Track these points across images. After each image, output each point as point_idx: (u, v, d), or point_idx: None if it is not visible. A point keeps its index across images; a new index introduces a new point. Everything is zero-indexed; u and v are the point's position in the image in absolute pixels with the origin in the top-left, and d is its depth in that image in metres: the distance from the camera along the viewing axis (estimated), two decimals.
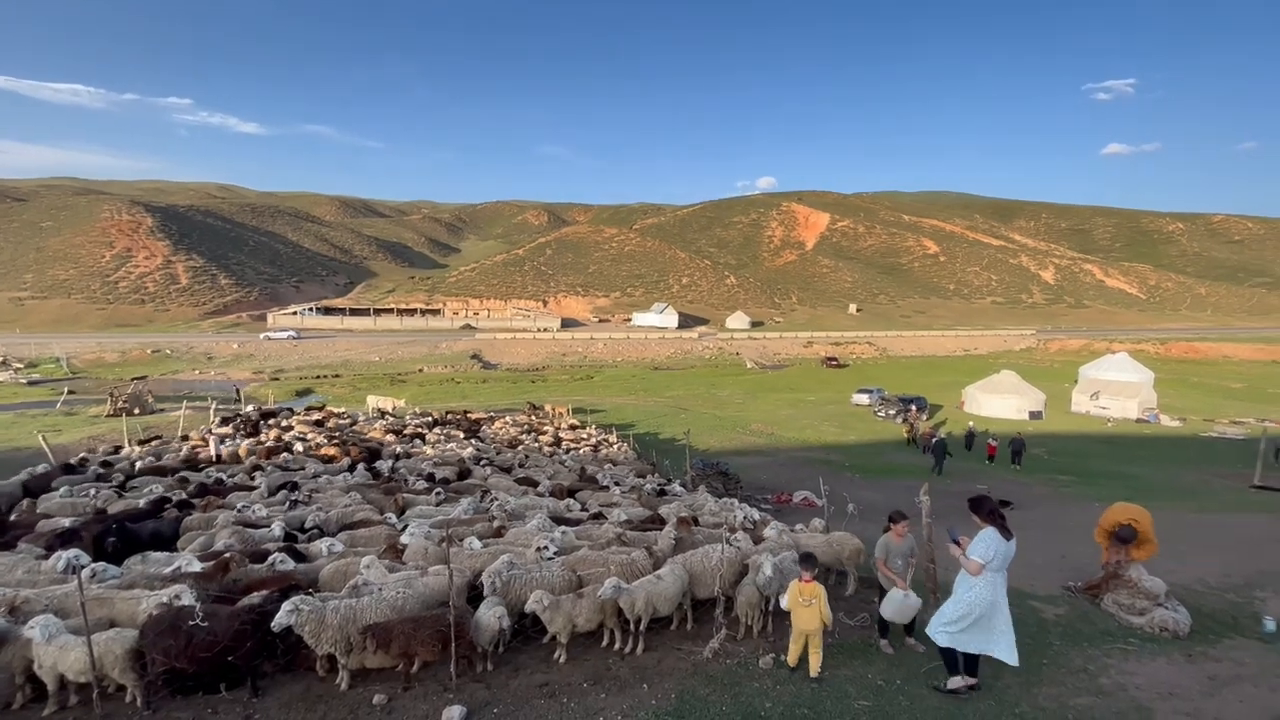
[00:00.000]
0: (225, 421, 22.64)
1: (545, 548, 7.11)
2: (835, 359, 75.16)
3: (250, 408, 26.95)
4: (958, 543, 5.35)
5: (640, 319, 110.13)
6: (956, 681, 5.19)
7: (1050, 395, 41.93)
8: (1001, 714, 4.79)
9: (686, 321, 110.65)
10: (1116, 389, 41.88)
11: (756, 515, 10.56)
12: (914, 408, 37.73)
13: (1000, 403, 40.29)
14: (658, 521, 9.94)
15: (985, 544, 4.99)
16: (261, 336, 75.85)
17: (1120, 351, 50.42)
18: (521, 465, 18.35)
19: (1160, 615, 6.87)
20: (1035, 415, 39.14)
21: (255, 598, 5.74)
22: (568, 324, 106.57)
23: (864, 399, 43.32)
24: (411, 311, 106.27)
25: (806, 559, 5.76)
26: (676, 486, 16.67)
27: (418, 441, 21.62)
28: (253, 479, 12.87)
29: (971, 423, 31.09)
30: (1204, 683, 5.39)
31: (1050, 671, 5.52)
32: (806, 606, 5.41)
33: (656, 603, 6.15)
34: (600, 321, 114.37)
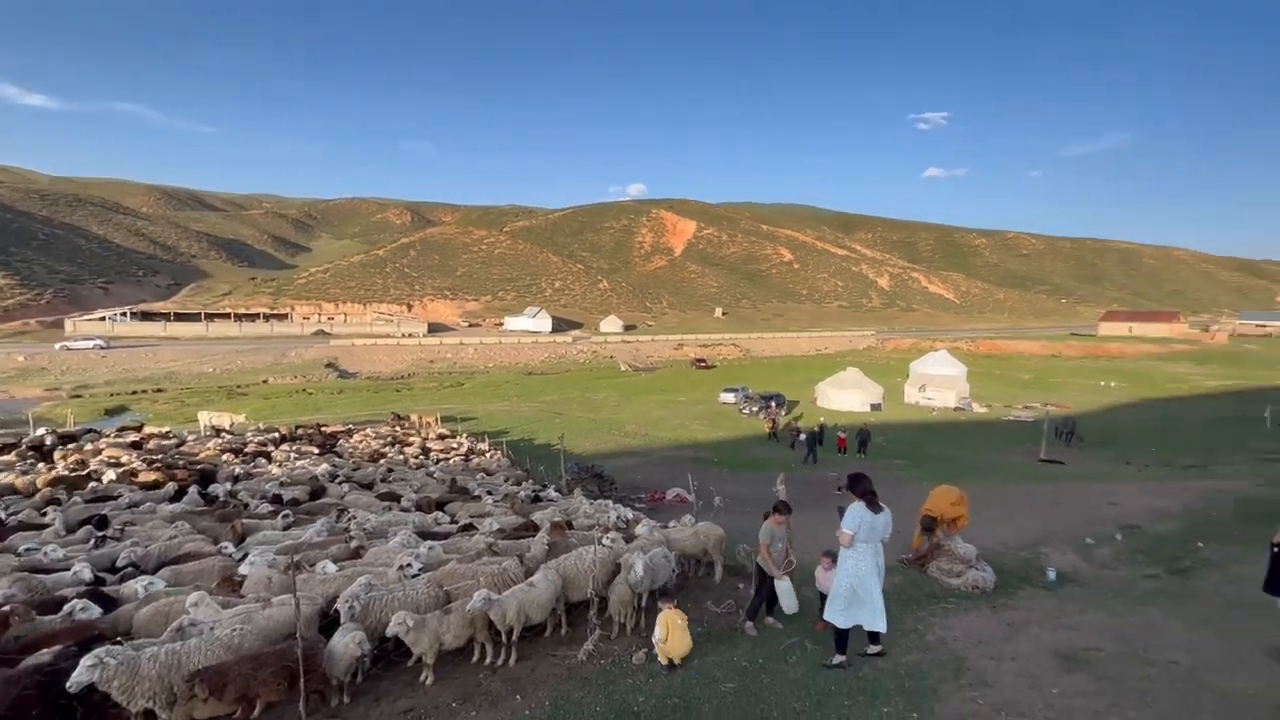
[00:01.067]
0: (4, 449, 18.87)
1: (408, 565, 6.72)
2: (704, 360, 78.65)
3: (41, 431, 22.67)
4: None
5: (513, 323, 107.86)
6: (839, 658, 5.61)
7: (887, 388, 46.95)
8: (846, 678, 5.28)
9: (560, 325, 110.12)
10: (939, 382, 47.88)
11: (630, 515, 10.74)
12: (774, 404, 40.49)
13: (847, 397, 44.46)
14: (532, 528, 9.78)
15: (853, 516, 5.44)
16: (58, 347, 64.26)
17: (941, 349, 57.67)
18: (384, 480, 17.20)
19: (972, 575, 7.96)
20: (876, 407, 43.63)
21: (45, 655, 4.85)
22: (435, 329, 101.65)
23: (730, 398, 45.74)
24: (253, 317, 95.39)
25: (664, 593, 6.01)
26: (551, 492, 16.51)
27: (262, 460, 19.49)
28: (44, 514, 10.86)
29: (822, 418, 33.96)
30: (1004, 629, 6.32)
31: (888, 635, 6.18)
32: (680, 627, 5.67)
33: (529, 611, 6.04)
34: (470, 326, 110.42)
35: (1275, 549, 5.03)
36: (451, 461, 22.18)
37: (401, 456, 22.61)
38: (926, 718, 4.48)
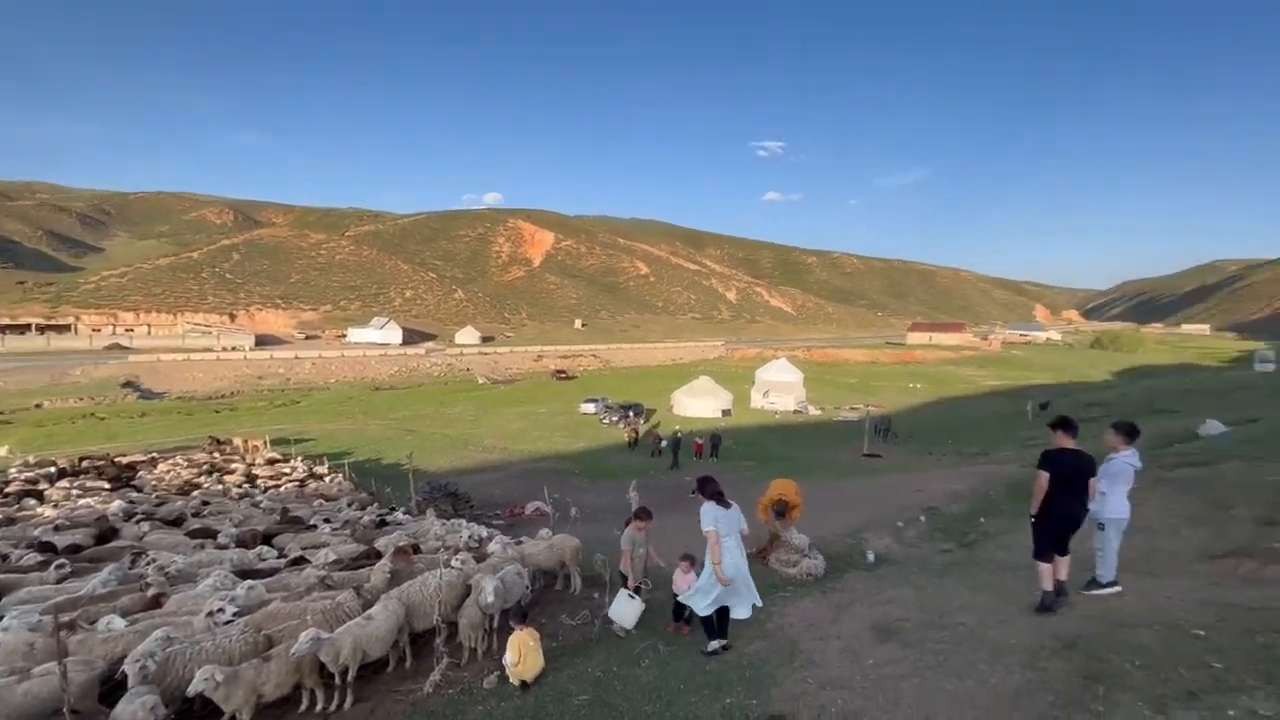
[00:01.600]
0: None
1: (220, 610, 5.90)
2: (564, 371, 78.48)
3: None
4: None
5: (358, 335, 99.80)
6: (715, 644, 5.89)
7: (736, 395, 50.13)
8: (694, 673, 5.51)
9: (411, 338, 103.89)
10: (780, 387, 52.11)
11: (483, 533, 10.38)
12: (632, 414, 41.47)
13: (700, 403, 46.79)
14: (374, 556, 9.06)
15: (707, 515, 5.82)
16: None
17: (782, 358, 62.95)
18: (197, 515, 15.03)
19: (806, 564, 8.70)
20: (726, 412, 46.38)
21: None
22: (265, 341, 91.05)
23: (590, 408, 46.11)
24: (23, 328, 78.94)
25: (518, 614, 5.88)
26: (400, 515, 15.49)
27: (30, 501, 16.11)
28: None
29: (678, 426, 35.44)
30: (832, 611, 6.97)
31: (732, 627, 6.54)
32: (533, 648, 5.55)
33: (367, 646, 5.57)
34: (308, 338, 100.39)
35: (1032, 519, 6.03)
36: (284, 489, 19.91)
37: (221, 486, 19.95)
38: (764, 703, 4.79)
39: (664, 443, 29.24)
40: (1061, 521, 5.49)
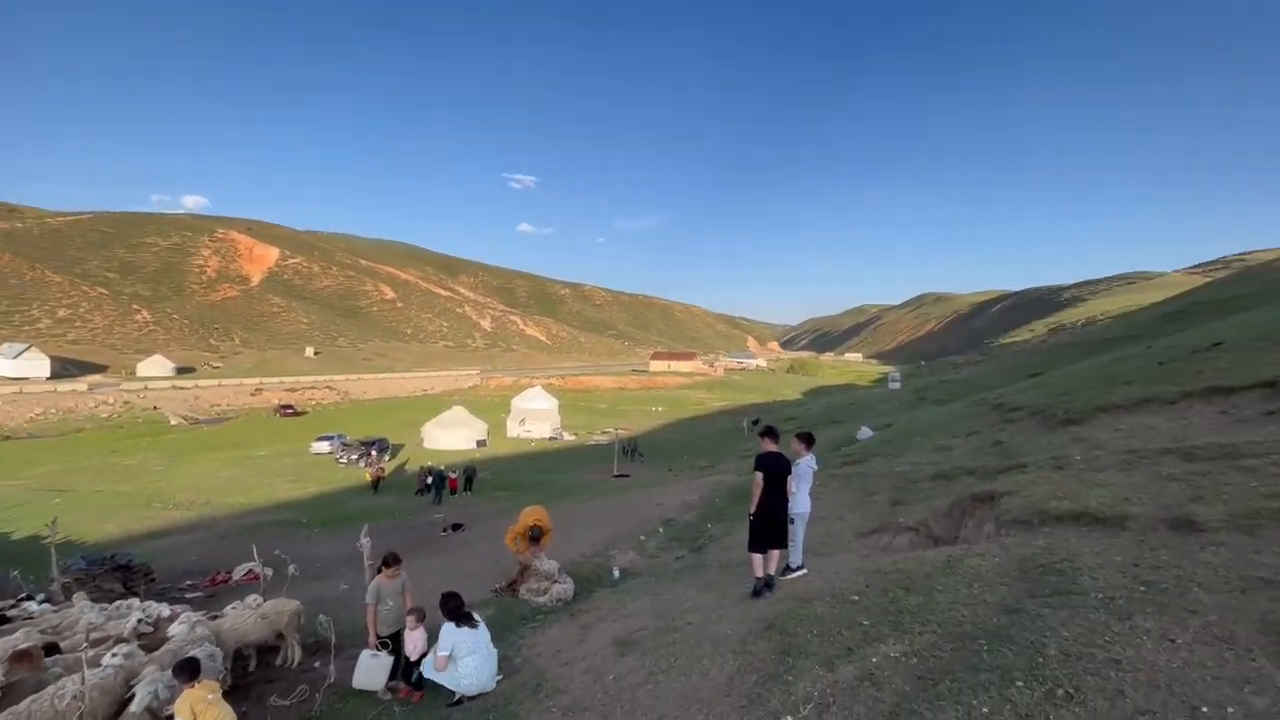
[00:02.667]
0: None
1: None
2: (291, 407, 68.04)
3: None
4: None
5: None
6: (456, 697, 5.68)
7: (492, 424, 49.07)
8: None
9: (66, 369, 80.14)
10: (536, 415, 52.54)
11: (165, 612, 8.29)
12: (374, 450, 37.74)
13: (453, 435, 44.66)
14: None
15: (444, 637, 5.68)
16: None
17: (537, 386, 63.65)
18: None
19: (555, 590, 8.78)
20: (481, 443, 45.03)
21: None
22: None
23: (325, 446, 40.77)
24: None
25: (181, 668, 4.70)
26: (32, 605, 11.59)
27: None
28: None
29: (430, 461, 33.23)
30: (579, 633, 7.12)
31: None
32: (212, 702, 4.49)
33: None
34: None
35: (750, 517, 6.93)
36: None
37: None
38: None
39: (430, 478, 27.28)
40: (773, 515, 6.45)
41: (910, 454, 14.28)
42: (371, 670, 5.99)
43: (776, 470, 6.43)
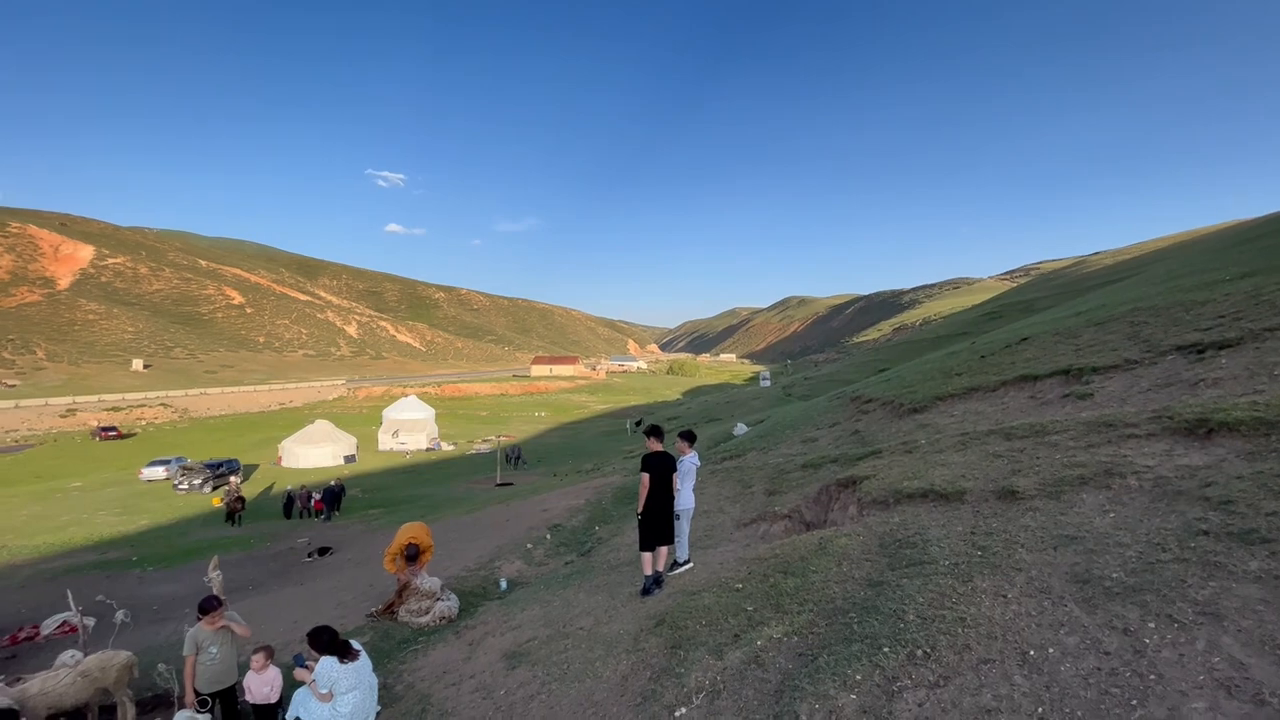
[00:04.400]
0: None
1: None
2: (114, 429, 58.88)
3: None
4: (306, 667, 5.22)
5: None
6: None
7: (361, 438, 45.74)
8: None
9: None
10: (411, 426, 49.71)
11: None
12: (226, 471, 33.77)
13: (317, 452, 41.04)
14: None
15: (324, 674, 5.02)
16: None
17: (411, 395, 60.24)
18: None
19: (438, 608, 8.34)
20: (350, 459, 41.80)
21: None
22: None
23: (159, 472, 35.82)
24: None
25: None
26: None
27: None
28: None
29: (289, 485, 30.26)
30: (466, 650, 6.81)
31: None
32: None
33: None
34: None
35: (639, 517, 6.99)
36: None
37: None
38: None
39: (313, 497, 25.16)
40: (661, 513, 6.56)
41: (782, 446, 15.23)
42: None
43: (663, 469, 6.57)
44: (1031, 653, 3.40)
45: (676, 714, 4.04)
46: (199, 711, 5.40)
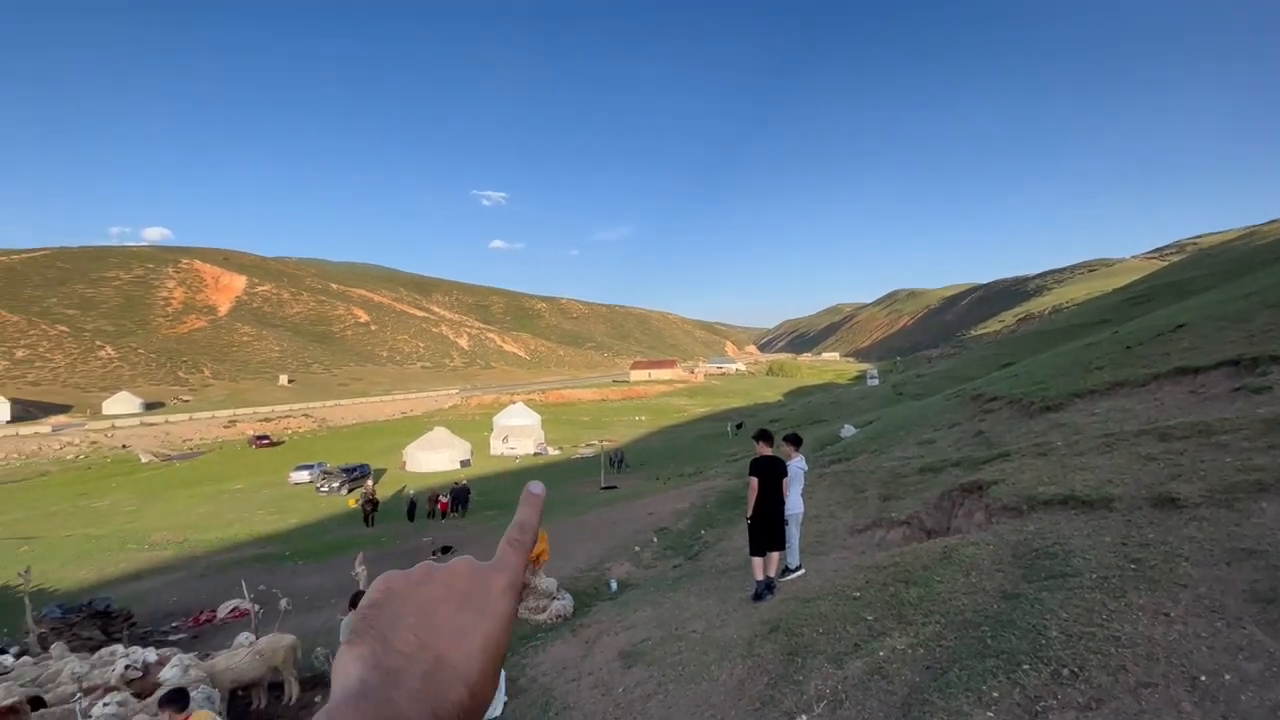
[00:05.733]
0: None
1: None
2: (267, 437, 66.56)
3: None
4: None
5: None
6: None
7: (475, 443, 48.57)
8: None
9: (28, 411, 77.40)
10: (519, 432, 52.15)
11: (153, 656, 8.05)
12: (360, 475, 37.16)
13: (437, 457, 44.11)
14: None
15: None
16: None
17: (518, 402, 63.22)
18: None
19: (555, 606, 8.73)
20: (465, 463, 44.53)
21: None
22: None
23: (304, 476, 39.97)
24: None
25: (170, 699, 4.54)
26: (7, 659, 11.18)
27: None
28: None
29: (410, 490, 32.66)
30: (582, 648, 7.08)
31: None
32: None
33: None
34: None
35: (748, 522, 6.96)
36: None
37: None
38: None
39: (439, 499, 27.58)
40: (769, 518, 6.51)
41: (896, 449, 14.51)
42: None
43: (771, 473, 6.50)
44: (1203, 678, 3.05)
45: None
46: None
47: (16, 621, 14.19)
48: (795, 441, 6.94)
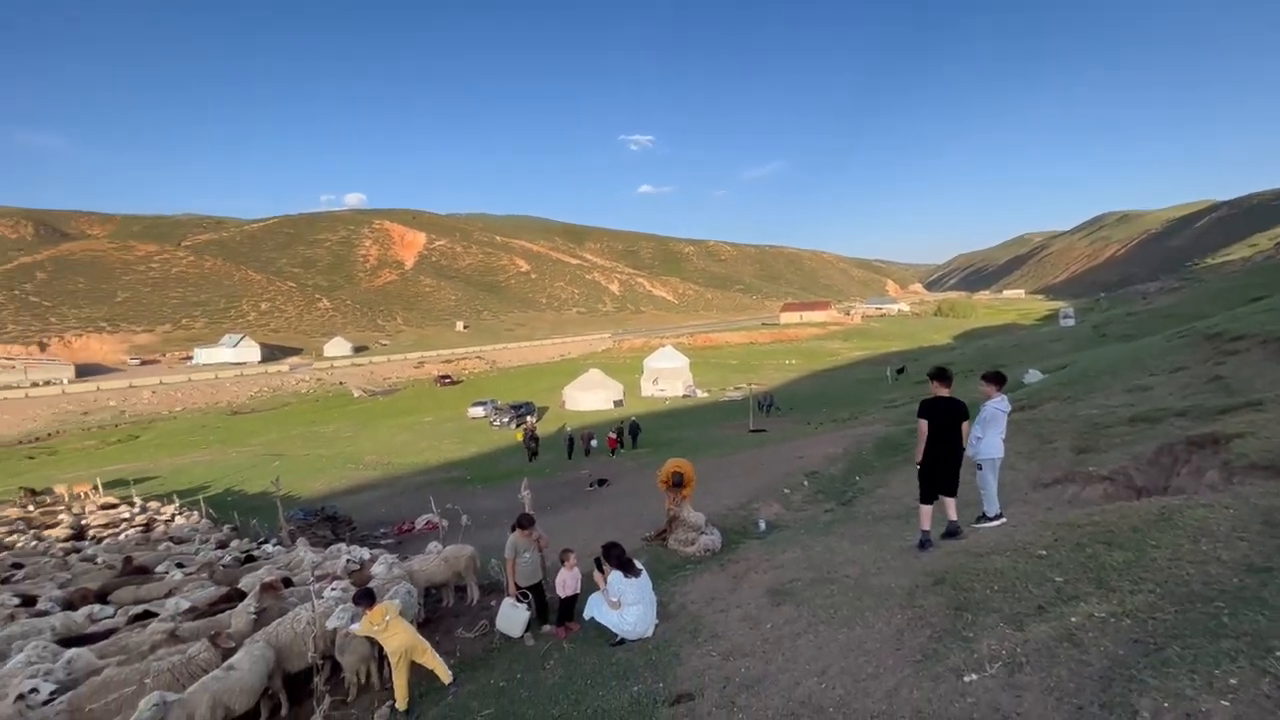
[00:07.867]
0: None
1: (33, 692, 4.92)
2: (449, 376, 75.24)
3: None
4: (602, 572, 6.22)
5: (206, 355, 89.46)
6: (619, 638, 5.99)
7: (627, 385, 50.66)
8: (601, 667, 5.41)
9: (272, 354, 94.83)
10: (669, 374, 53.34)
11: (365, 555, 9.61)
12: (525, 413, 40.65)
13: (592, 397, 46.79)
14: (238, 599, 8.07)
15: (614, 585, 5.98)
16: None
17: (668, 345, 64.37)
18: (6, 581, 12.67)
19: (703, 540, 8.89)
20: (618, 403, 46.74)
21: None
22: (89, 372, 78.99)
23: (480, 411, 44.63)
24: None
25: (360, 597, 5.42)
26: (269, 548, 14.06)
27: None
28: None
29: (569, 427, 34.94)
30: (730, 582, 7.15)
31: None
32: (384, 629, 5.13)
33: (230, 701, 4.90)
34: (144, 364, 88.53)
35: (918, 466, 6.41)
36: (123, 536, 17.36)
37: (38, 544, 16.98)
38: (671, 684, 4.78)
39: (593, 440, 29.43)
40: (943, 463, 5.93)
41: (1097, 396, 12.51)
42: (511, 619, 6.48)
43: (946, 416, 5.87)
44: None
45: (966, 679, 3.65)
46: (520, 600, 6.66)
47: (272, 521, 17.76)
48: (995, 380, 6.14)
